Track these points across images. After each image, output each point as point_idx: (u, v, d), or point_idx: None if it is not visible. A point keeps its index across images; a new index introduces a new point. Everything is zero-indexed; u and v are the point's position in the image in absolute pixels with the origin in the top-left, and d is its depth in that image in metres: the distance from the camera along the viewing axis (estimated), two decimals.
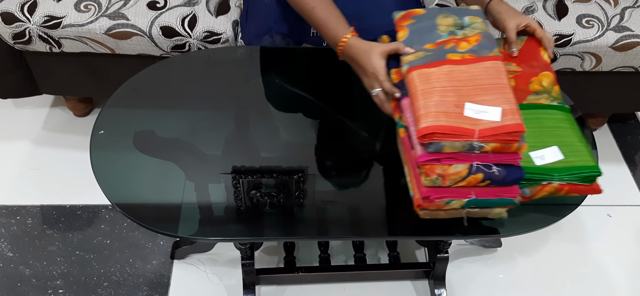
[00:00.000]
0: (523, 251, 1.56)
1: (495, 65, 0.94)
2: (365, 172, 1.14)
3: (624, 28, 1.51)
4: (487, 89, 0.91)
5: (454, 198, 0.90)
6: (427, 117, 0.87)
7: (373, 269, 1.46)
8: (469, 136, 0.86)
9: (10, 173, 1.68)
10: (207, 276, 1.47)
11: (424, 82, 0.92)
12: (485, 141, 0.86)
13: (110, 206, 1.59)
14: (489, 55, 0.96)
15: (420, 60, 0.96)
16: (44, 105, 1.88)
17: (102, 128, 1.12)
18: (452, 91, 0.90)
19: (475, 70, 0.94)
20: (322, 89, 1.29)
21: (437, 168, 0.87)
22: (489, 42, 0.99)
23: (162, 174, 1.07)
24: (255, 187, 1.05)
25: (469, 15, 1.04)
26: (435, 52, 0.97)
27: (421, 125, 0.87)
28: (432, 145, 0.87)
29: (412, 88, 0.93)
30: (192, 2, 1.49)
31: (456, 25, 1.02)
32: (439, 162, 0.87)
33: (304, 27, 1.29)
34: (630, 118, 1.99)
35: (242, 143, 1.16)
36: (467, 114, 0.88)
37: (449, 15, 1.03)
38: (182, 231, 1.00)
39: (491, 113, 0.88)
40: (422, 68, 0.94)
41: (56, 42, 1.47)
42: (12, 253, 1.49)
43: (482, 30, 1.01)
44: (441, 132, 0.85)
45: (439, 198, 0.89)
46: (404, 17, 1.05)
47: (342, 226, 1.06)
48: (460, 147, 0.86)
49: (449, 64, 0.94)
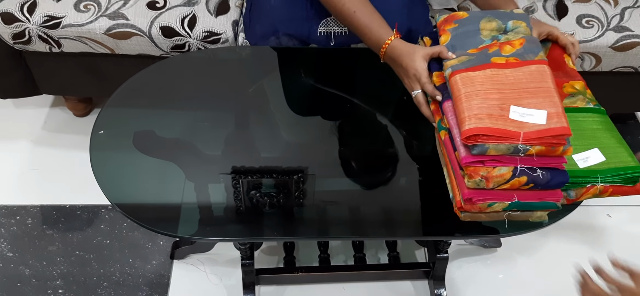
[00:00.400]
0: (523, 251, 1.56)
1: (540, 68, 0.93)
2: (365, 172, 1.14)
3: (624, 28, 1.51)
4: (532, 93, 0.90)
5: (496, 201, 0.89)
6: (471, 119, 0.87)
7: (373, 269, 1.46)
8: (513, 139, 0.85)
9: (10, 173, 1.68)
10: (207, 277, 1.47)
11: (468, 85, 0.91)
12: (530, 144, 0.85)
13: (110, 206, 1.59)
14: (534, 59, 0.95)
15: (463, 64, 0.95)
16: (44, 105, 1.88)
17: (101, 129, 1.12)
18: (496, 94, 0.90)
19: (520, 74, 0.93)
20: (323, 90, 1.29)
21: (481, 170, 0.87)
22: (534, 46, 0.97)
23: (162, 174, 1.07)
24: (255, 187, 1.05)
25: (512, 19, 1.03)
26: (479, 55, 0.97)
27: (465, 127, 0.86)
28: (477, 147, 0.86)
29: (455, 91, 0.92)
30: (192, 2, 1.49)
31: (499, 30, 1.01)
32: (484, 164, 0.87)
33: (310, 27, 1.29)
34: (630, 118, 1.99)
35: (241, 143, 1.16)
36: (512, 117, 0.87)
37: (493, 20, 1.03)
38: (182, 232, 1.00)
39: (536, 116, 0.87)
40: (466, 71, 0.93)
41: (56, 42, 1.47)
42: (11, 253, 1.49)
43: (526, 34, 1.00)
44: (486, 134, 0.85)
45: (481, 200, 0.89)
46: (446, 21, 1.05)
47: (341, 226, 1.06)
48: (505, 149, 0.86)
49: (493, 68, 0.94)
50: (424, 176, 1.12)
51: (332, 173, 1.12)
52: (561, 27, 1.51)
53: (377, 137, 1.20)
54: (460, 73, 0.94)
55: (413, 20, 1.30)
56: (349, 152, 1.16)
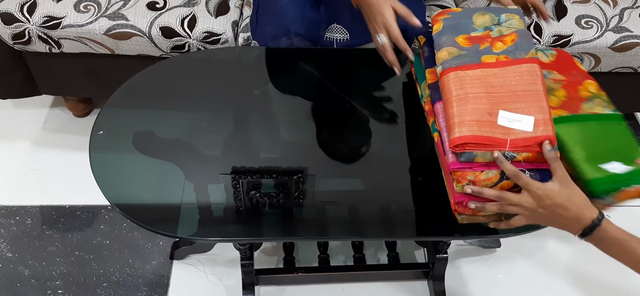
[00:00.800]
0: (522, 252, 1.56)
1: (530, 69, 0.93)
2: (365, 172, 1.14)
3: (623, 29, 1.51)
4: (521, 96, 0.90)
5: (487, 202, 0.90)
6: (461, 127, 0.87)
7: (372, 269, 1.46)
8: (501, 146, 0.86)
9: (10, 174, 1.68)
10: (207, 277, 1.47)
11: (458, 87, 0.92)
12: (516, 151, 0.86)
13: (109, 206, 1.59)
14: (525, 57, 0.95)
15: (454, 61, 0.96)
16: (44, 105, 1.88)
17: (101, 129, 1.12)
18: (485, 97, 0.90)
19: (510, 75, 0.93)
20: (324, 90, 1.29)
21: (469, 175, 0.88)
22: (525, 42, 0.97)
23: (162, 174, 1.07)
24: (254, 188, 1.05)
25: (505, 12, 1.03)
26: (470, 52, 0.97)
27: (454, 135, 0.87)
28: (464, 154, 0.87)
29: (446, 93, 0.93)
30: (192, 3, 1.49)
31: (492, 21, 1.02)
32: (471, 168, 0.88)
33: (319, 31, 1.30)
34: (629, 118, 1.99)
35: (241, 143, 1.16)
36: (500, 123, 0.87)
37: (486, 13, 1.03)
38: (182, 232, 1.00)
39: (524, 123, 0.87)
40: (456, 70, 0.94)
41: (56, 43, 1.47)
42: (11, 254, 1.49)
43: (518, 28, 1.00)
44: (473, 142, 0.86)
45: (471, 202, 0.90)
46: (440, 13, 1.06)
47: (341, 226, 1.06)
48: (492, 156, 0.86)
49: (484, 68, 0.94)
50: (423, 176, 1.12)
51: (332, 174, 1.12)
52: (561, 27, 1.51)
53: (377, 137, 1.20)
54: (451, 71, 0.94)
55: None
56: (349, 151, 1.16)
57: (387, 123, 1.22)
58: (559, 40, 1.50)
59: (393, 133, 1.19)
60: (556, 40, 1.50)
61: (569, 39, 1.50)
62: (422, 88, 1.09)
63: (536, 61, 0.94)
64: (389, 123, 1.22)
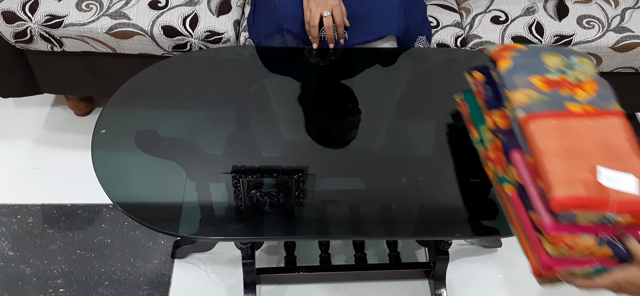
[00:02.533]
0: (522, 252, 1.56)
1: (619, 123, 0.87)
2: (366, 171, 1.14)
3: (625, 29, 1.51)
4: (617, 152, 0.83)
5: (577, 266, 0.83)
6: (563, 186, 0.79)
7: (373, 269, 1.46)
8: (605, 208, 0.78)
9: (11, 172, 1.68)
10: (208, 276, 1.47)
11: (550, 139, 0.84)
12: (620, 213, 0.78)
13: (111, 205, 1.59)
14: (610, 109, 0.88)
15: (537, 106, 0.87)
16: (45, 104, 1.88)
17: (103, 128, 1.12)
18: (580, 153, 0.82)
19: (602, 128, 0.85)
20: (325, 90, 1.30)
21: (566, 238, 0.80)
22: (606, 92, 0.91)
23: (163, 173, 1.07)
24: (256, 187, 1.05)
25: (575, 55, 0.96)
26: (553, 97, 0.89)
27: (556, 194, 0.78)
28: (565, 215, 0.79)
29: (534, 146, 0.84)
30: (194, 2, 1.49)
31: (564, 64, 0.95)
32: (570, 231, 0.80)
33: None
34: (630, 119, 1.99)
35: (242, 142, 1.16)
36: (601, 182, 0.80)
37: (555, 54, 0.96)
38: (183, 231, 1.00)
39: (626, 183, 0.80)
40: (541, 119, 0.86)
41: (57, 41, 1.47)
42: (12, 252, 1.50)
43: (593, 74, 0.94)
44: (579, 204, 0.78)
45: (562, 266, 0.83)
46: (504, 49, 0.98)
47: (342, 225, 1.06)
48: (594, 218, 0.79)
49: (573, 117, 0.86)
50: (424, 175, 1.12)
51: (333, 173, 1.12)
52: (562, 27, 1.51)
53: (377, 137, 1.20)
54: (536, 120, 0.86)
55: (411, 17, 1.30)
56: (350, 151, 1.16)
57: (390, 123, 1.22)
58: (561, 40, 1.50)
59: (393, 133, 1.20)
60: (557, 40, 1.50)
61: (571, 39, 1.50)
62: (481, 131, 1.01)
63: (621, 114, 0.88)
64: (391, 122, 1.22)
